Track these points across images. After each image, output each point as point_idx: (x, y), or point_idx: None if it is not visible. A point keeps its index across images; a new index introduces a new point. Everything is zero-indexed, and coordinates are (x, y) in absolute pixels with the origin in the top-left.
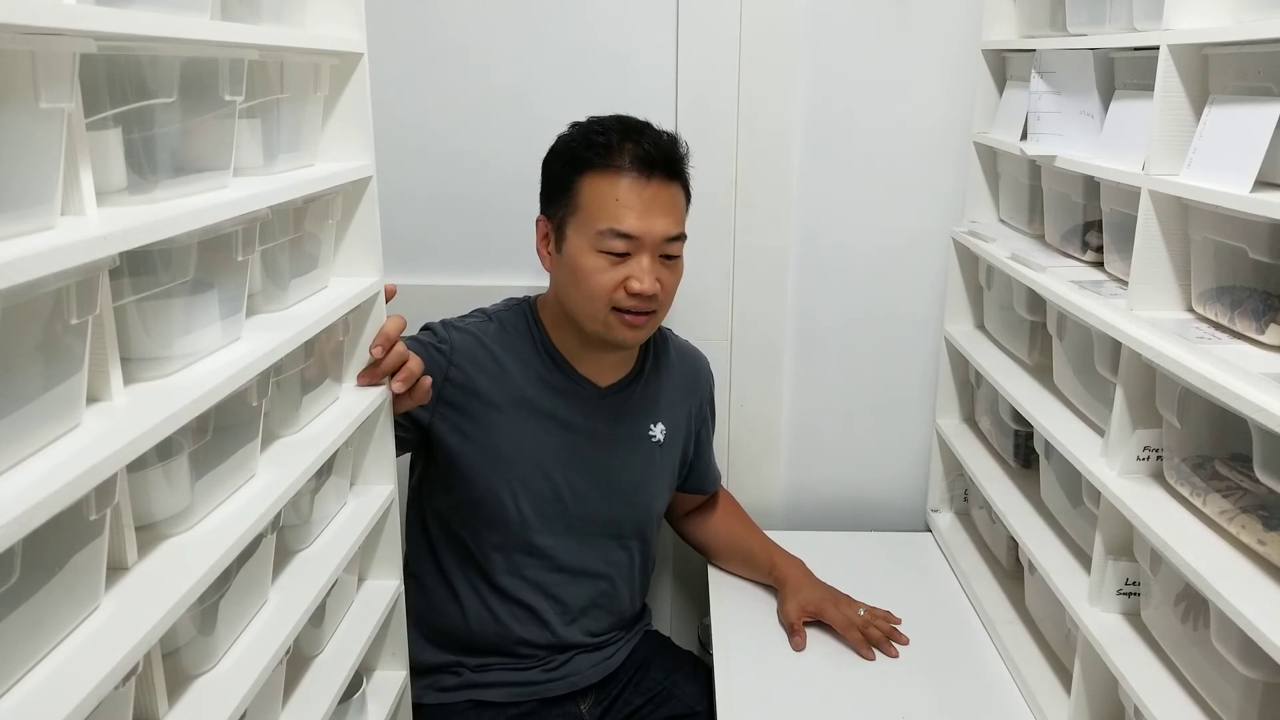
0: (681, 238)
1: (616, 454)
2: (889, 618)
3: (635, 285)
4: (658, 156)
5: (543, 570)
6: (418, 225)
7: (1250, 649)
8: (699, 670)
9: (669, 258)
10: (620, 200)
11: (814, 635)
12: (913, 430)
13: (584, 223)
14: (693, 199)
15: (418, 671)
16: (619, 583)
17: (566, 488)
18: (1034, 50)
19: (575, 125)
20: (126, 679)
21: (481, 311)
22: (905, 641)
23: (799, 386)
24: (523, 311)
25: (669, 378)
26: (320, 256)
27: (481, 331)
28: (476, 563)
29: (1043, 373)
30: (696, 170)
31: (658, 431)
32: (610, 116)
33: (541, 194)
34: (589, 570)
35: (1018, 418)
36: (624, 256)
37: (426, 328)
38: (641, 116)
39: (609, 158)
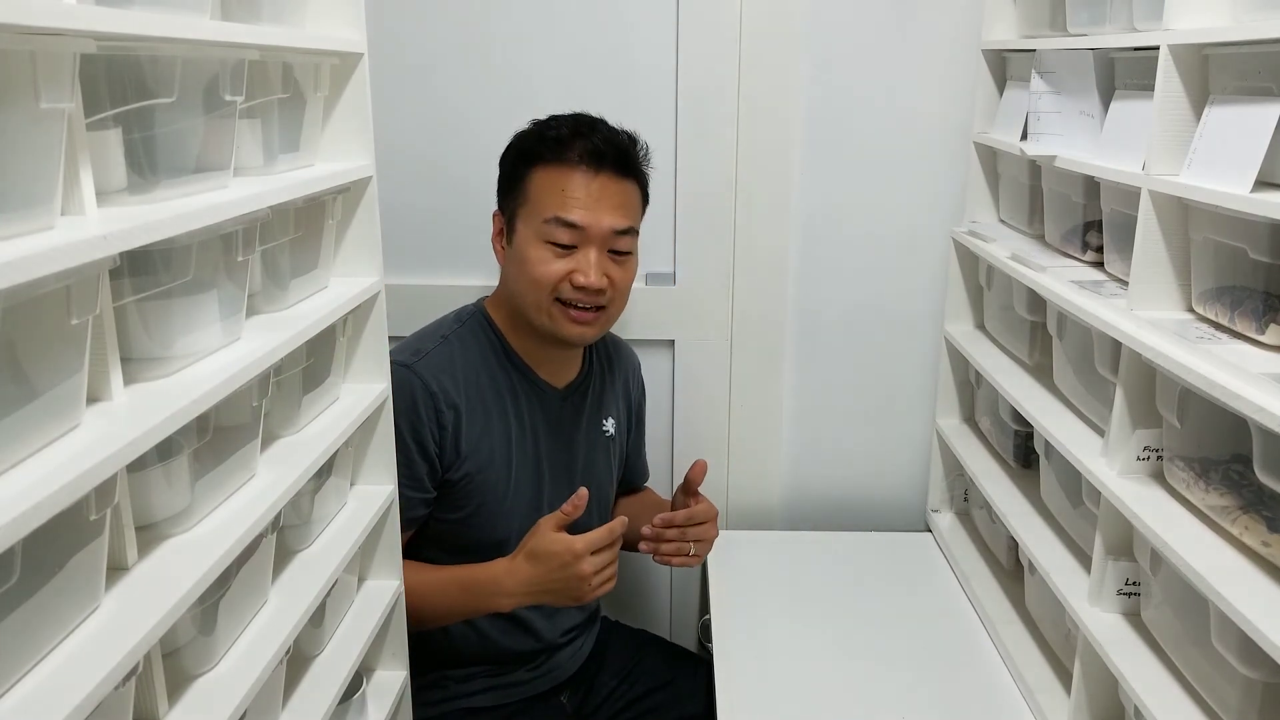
0: (631, 232)
1: (581, 455)
2: (681, 528)
3: (580, 279)
4: (608, 151)
5: None
6: (417, 225)
7: (1250, 649)
8: (660, 644)
9: (619, 254)
10: (567, 191)
11: (814, 635)
12: (913, 430)
13: (531, 214)
14: (693, 199)
15: None
16: None
17: (546, 499)
18: (1034, 50)
19: (534, 122)
20: (126, 679)
21: (439, 336)
22: (692, 553)
23: (799, 386)
24: (477, 322)
25: (610, 372)
26: (320, 256)
27: (450, 358)
28: None
29: (1043, 373)
30: (697, 170)
31: (610, 425)
32: (568, 115)
33: (497, 189)
34: None
35: (1018, 418)
36: (571, 250)
37: (397, 374)
38: (642, 116)
39: (559, 151)
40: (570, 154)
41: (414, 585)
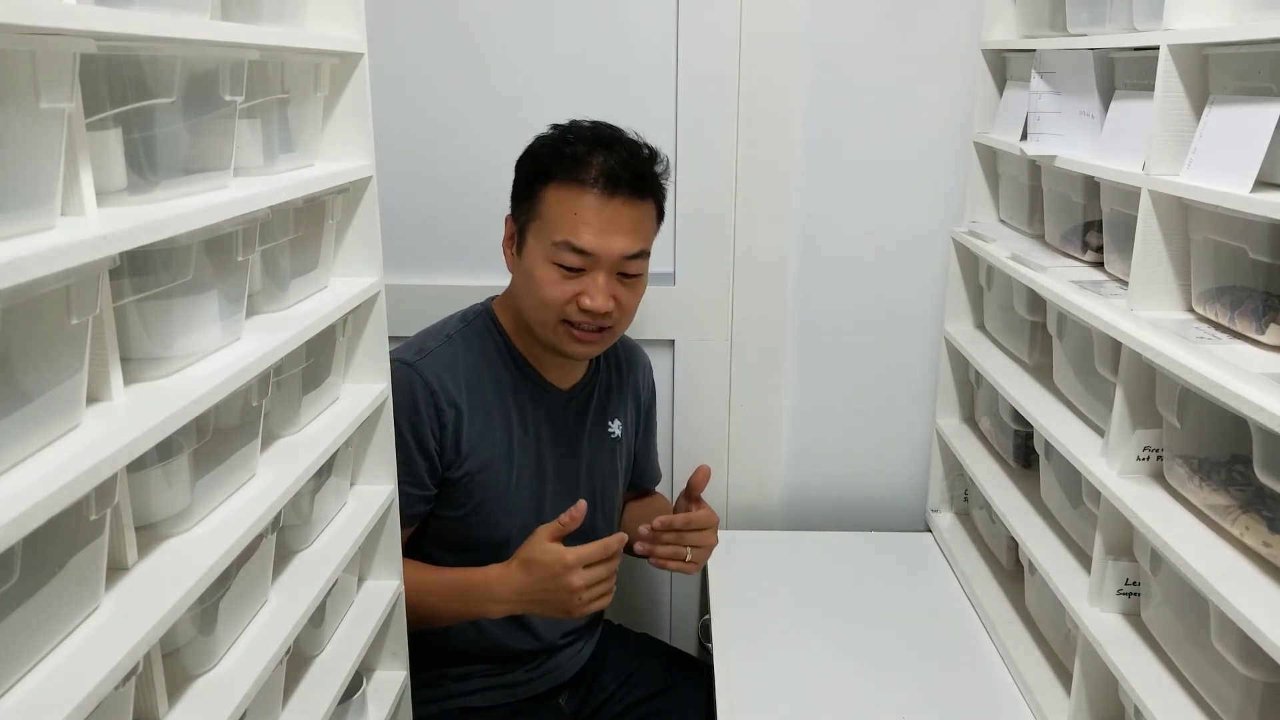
0: (642, 255)
1: (585, 457)
2: (680, 532)
3: (587, 302)
4: (624, 173)
5: None
6: (417, 225)
7: (1250, 649)
8: (661, 650)
9: (628, 276)
10: (579, 215)
11: (814, 635)
12: (913, 430)
13: (542, 231)
14: (693, 199)
15: None
16: None
17: (549, 500)
18: (1034, 50)
19: (555, 128)
20: (126, 679)
21: (443, 335)
22: (686, 557)
23: (799, 386)
24: (483, 322)
25: (619, 374)
26: (320, 256)
27: (453, 357)
28: None
29: (1043, 373)
30: (697, 170)
31: (615, 427)
32: (588, 124)
33: (512, 194)
34: None
35: (1018, 418)
36: (579, 271)
37: (398, 372)
38: (642, 116)
39: (575, 170)
40: (585, 174)
41: (410, 583)
